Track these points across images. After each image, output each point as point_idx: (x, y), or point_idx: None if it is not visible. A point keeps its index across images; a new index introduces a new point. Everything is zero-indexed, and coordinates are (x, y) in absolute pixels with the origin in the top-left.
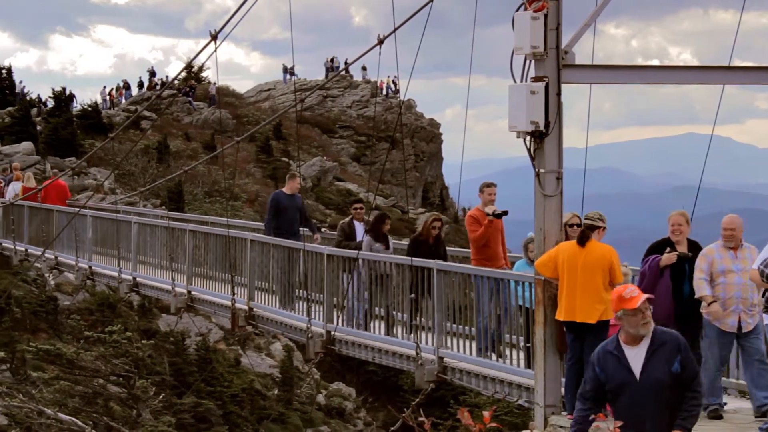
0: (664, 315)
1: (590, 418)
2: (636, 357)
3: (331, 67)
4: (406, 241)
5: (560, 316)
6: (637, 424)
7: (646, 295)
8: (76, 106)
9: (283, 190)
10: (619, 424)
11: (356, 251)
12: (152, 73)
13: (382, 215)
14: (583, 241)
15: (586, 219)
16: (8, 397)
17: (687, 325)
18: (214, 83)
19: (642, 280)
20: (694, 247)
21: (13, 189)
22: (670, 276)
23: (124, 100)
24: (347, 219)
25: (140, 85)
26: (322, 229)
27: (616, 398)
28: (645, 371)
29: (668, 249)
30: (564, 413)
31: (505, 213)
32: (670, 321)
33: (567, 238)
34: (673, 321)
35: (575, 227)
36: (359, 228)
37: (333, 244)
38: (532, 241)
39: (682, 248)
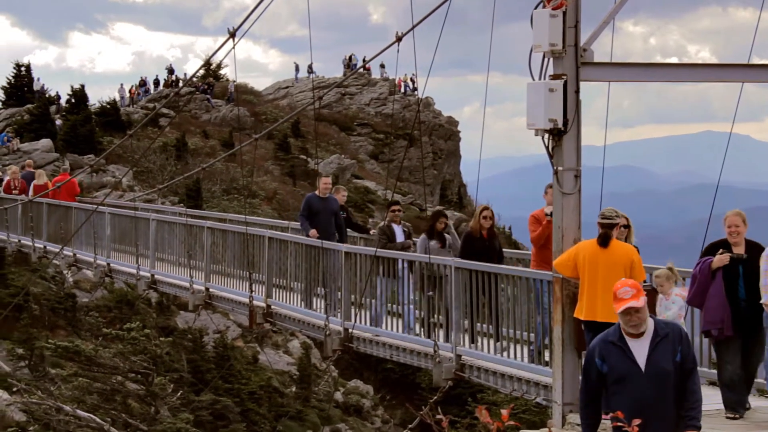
0: (718, 320)
1: (607, 413)
2: (640, 348)
3: (348, 65)
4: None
5: (580, 314)
6: (641, 415)
7: (631, 302)
8: (95, 104)
9: (316, 192)
10: (638, 422)
11: (374, 249)
12: (170, 71)
13: (437, 212)
14: (606, 242)
15: (603, 218)
16: (27, 393)
17: (746, 330)
18: (233, 81)
19: (693, 283)
20: (755, 248)
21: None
22: (723, 278)
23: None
24: (385, 222)
25: (156, 83)
26: (370, 230)
27: (619, 390)
28: (650, 362)
29: (721, 250)
30: None
31: None
32: (726, 326)
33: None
34: (730, 326)
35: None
36: (398, 230)
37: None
38: None
39: (740, 250)
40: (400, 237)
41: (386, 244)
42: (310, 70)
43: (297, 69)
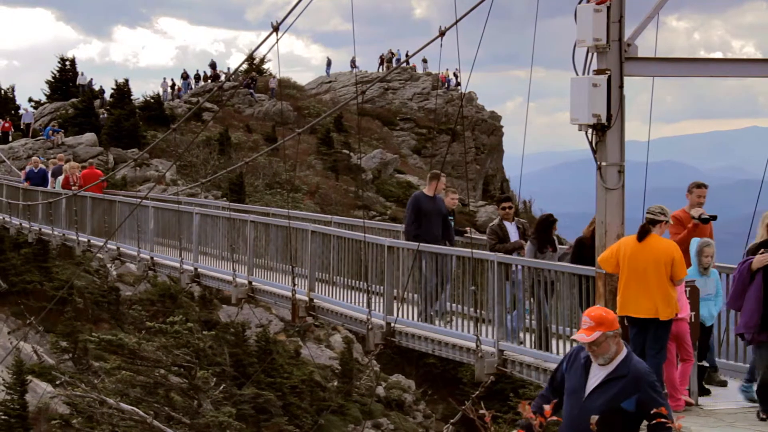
0: (752, 324)
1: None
2: (595, 377)
3: (387, 59)
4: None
5: (622, 311)
6: None
7: (578, 335)
8: (139, 98)
9: (424, 191)
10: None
11: (416, 243)
12: (213, 66)
13: (547, 219)
14: (642, 236)
15: (647, 213)
16: (71, 386)
17: None
18: (273, 75)
19: (733, 284)
20: None
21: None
22: (763, 280)
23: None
24: (497, 220)
25: (197, 77)
26: (466, 232)
27: (567, 402)
28: (590, 396)
29: (762, 250)
30: None
31: (714, 218)
32: (758, 331)
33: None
34: (759, 331)
35: None
36: (510, 228)
37: (487, 248)
38: (708, 245)
39: None
40: (513, 236)
41: (495, 245)
42: (353, 64)
43: (329, 63)
